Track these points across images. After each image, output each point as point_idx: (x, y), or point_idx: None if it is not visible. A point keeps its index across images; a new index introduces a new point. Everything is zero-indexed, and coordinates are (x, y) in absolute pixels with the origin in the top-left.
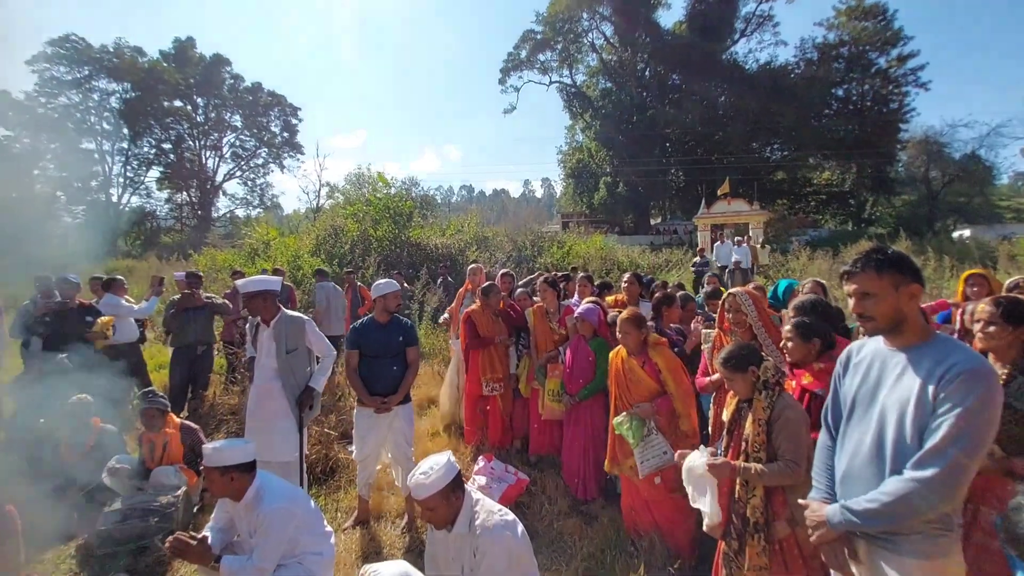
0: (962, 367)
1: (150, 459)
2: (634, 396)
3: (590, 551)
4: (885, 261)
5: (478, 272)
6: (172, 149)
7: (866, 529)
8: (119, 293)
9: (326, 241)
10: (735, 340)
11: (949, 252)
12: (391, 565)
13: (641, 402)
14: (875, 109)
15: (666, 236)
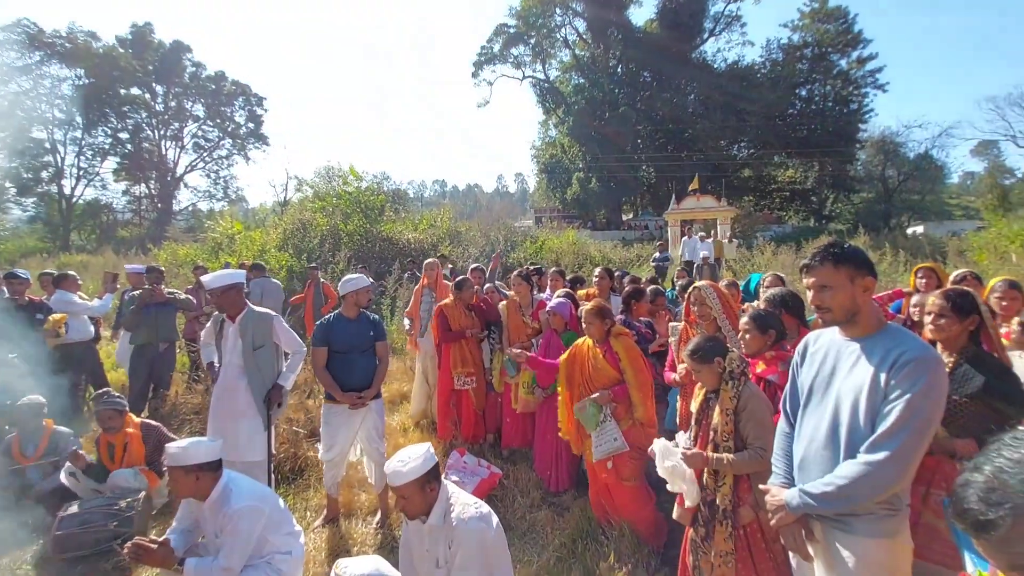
0: (911, 355)
1: (109, 461)
2: (595, 384)
3: (562, 541)
4: (841, 255)
5: (434, 267)
6: (129, 139)
7: (822, 511)
8: (71, 289)
9: (294, 235)
10: (701, 332)
11: (904, 247)
12: (364, 560)
13: (601, 389)
14: (836, 109)
15: (637, 231)
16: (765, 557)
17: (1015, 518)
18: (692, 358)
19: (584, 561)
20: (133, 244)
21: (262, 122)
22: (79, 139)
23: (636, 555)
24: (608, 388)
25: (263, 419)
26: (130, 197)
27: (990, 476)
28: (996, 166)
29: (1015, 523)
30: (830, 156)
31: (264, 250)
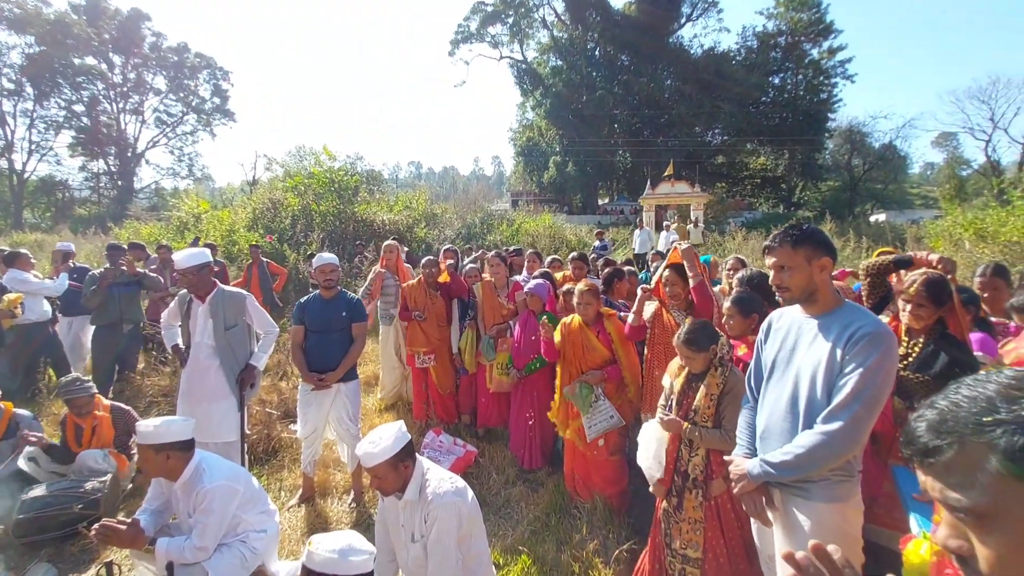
0: (865, 331)
1: (75, 443)
2: (587, 363)
3: (536, 515)
4: (800, 236)
5: (392, 249)
6: (85, 112)
7: (781, 479)
8: (25, 268)
9: (264, 215)
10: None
11: (866, 234)
12: (337, 535)
13: (592, 369)
14: (807, 98)
15: (613, 216)
16: (734, 526)
17: (960, 447)
18: (688, 347)
19: (557, 533)
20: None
21: (228, 97)
22: (30, 111)
23: (607, 526)
24: (600, 368)
25: (236, 399)
26: (87, 173)
27: (943, 409)
28: (954, 157)
29: (959, 451)
30: (800, 144)
31: (233, 230)
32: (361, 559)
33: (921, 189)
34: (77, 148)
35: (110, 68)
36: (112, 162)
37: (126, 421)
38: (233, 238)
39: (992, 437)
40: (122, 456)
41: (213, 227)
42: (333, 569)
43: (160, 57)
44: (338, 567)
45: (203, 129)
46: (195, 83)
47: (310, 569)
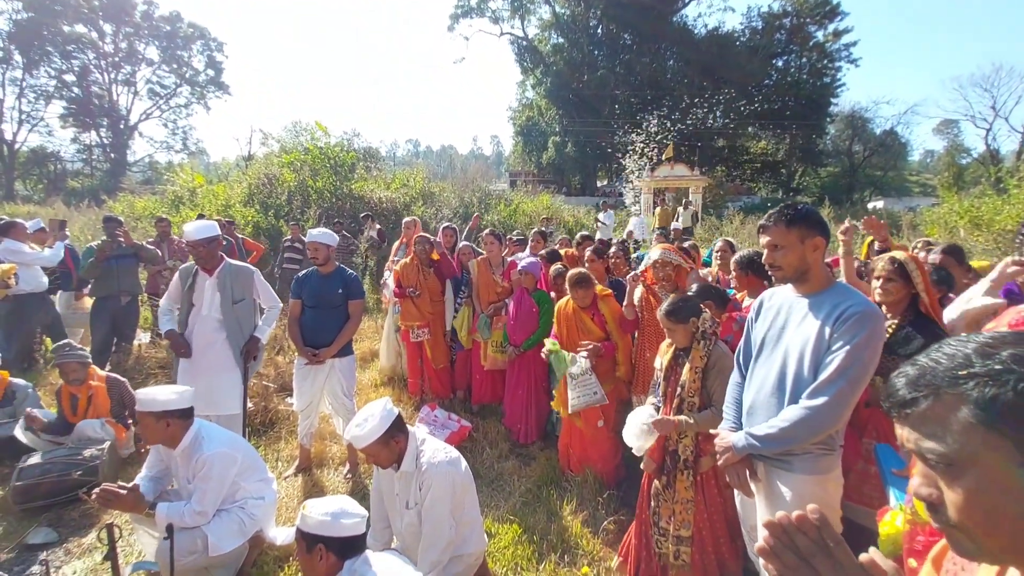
0: (854, 310)
1: (71, 412)
2: (579, 340)
3: (528, 487)
4: (794, 216)
5: (412, 225)
6: (76, 82)
7: (765, 452)
8: (20, 238)
9: (260, 190)
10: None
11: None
12: (330, 500)
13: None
14: (810, 82)
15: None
16: (716, 502)
17: (935, 398)
18: (669, 318)
19: (548, 505)
20: (85, 195)
21: (222, 69)
22: (19, 80)
23: (597, 499)
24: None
25: (240, 372)
26: (80, 145)
27: (923, 365)
28: (955, 145)
29: (934, 403)
30: (801, 129)
31: (228, 205)
32: (352, 521)
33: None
34: (68, 119)
35: (101, 37)
36: (104, 134)
37: (121, 392)
38: (229, 213)
39: (965, 389)
40: (119, 425)
41: (208, 201)
42: (326, 531)
43: (152, 26)
44: (330, 529)
45: (197, 102)
46: (188, 54)
47: (304, 531)
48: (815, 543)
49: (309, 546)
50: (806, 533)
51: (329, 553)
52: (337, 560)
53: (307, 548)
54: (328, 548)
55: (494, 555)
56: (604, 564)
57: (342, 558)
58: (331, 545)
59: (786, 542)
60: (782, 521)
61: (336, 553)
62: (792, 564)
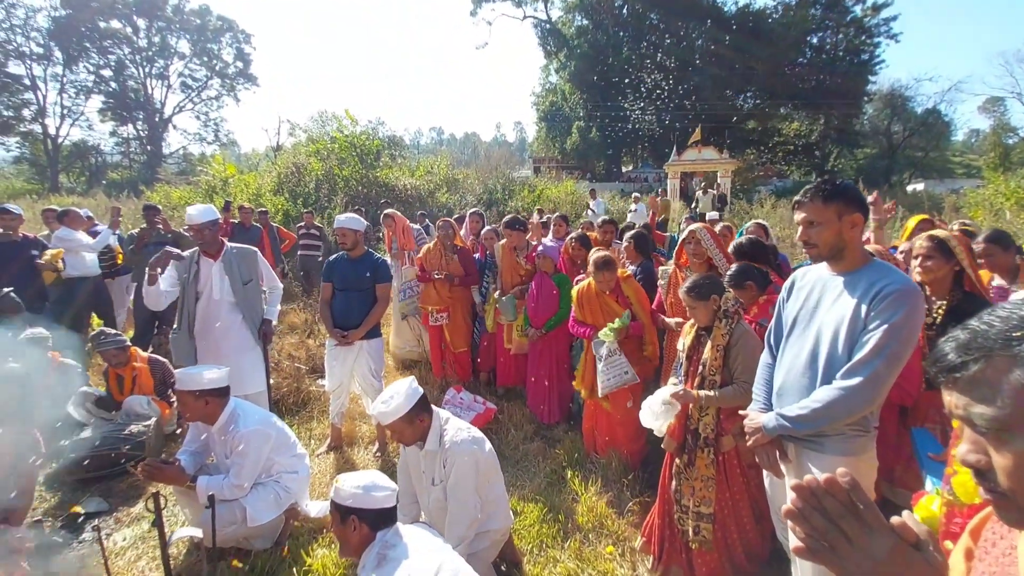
0: (893, 287)
1: (118, 392)
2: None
3: (552, 468)
4: (832, 191)
5: (391, 217)
6: (113, 76)
7: (796, 433)
8: (75, 225)
9: (289, 179)
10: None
11: (903, 203)
12: (362, 474)
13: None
14: (846, 59)
15: (636, 184)
16: (739, 482)
17: (986, 361)
18: (689, 294)
19: (573, 486)
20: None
21: (251, 61)
22: (60, 75)
23: (621, 480)
24: None
25: (261, 351)
26: (118, 138)
27: (975, 329)
28: (1001, 124)
29: (985, 365)
30: (837, 109)
31: (259, 194)
32: (384, 494)
33: (964, 157)
34: (107, 113)
35: (135, 32)
36: (141, 127)
37: (163, 372)
38: (260, 202)
39: (1019, 350)
40: (164, 403)
41: (240, 191)
42: (359, 503)
43: (183, 20)
44: (363, 501)
45: (227, 94)
46: (218, 47)
47: (338, 503)
48: (844, 505)
49: (343, 517)
50: (835, 496)
51: (362, 524)
52: (370, 531)
53: (341, 519)
54: (361, 519)
55: (520, 532)
56: (629, 544)
57: (374, 529)
58: (364, 516)
59: (814, 504)
60: (810, 484)
61: (369, 524)
62: (820, 527)
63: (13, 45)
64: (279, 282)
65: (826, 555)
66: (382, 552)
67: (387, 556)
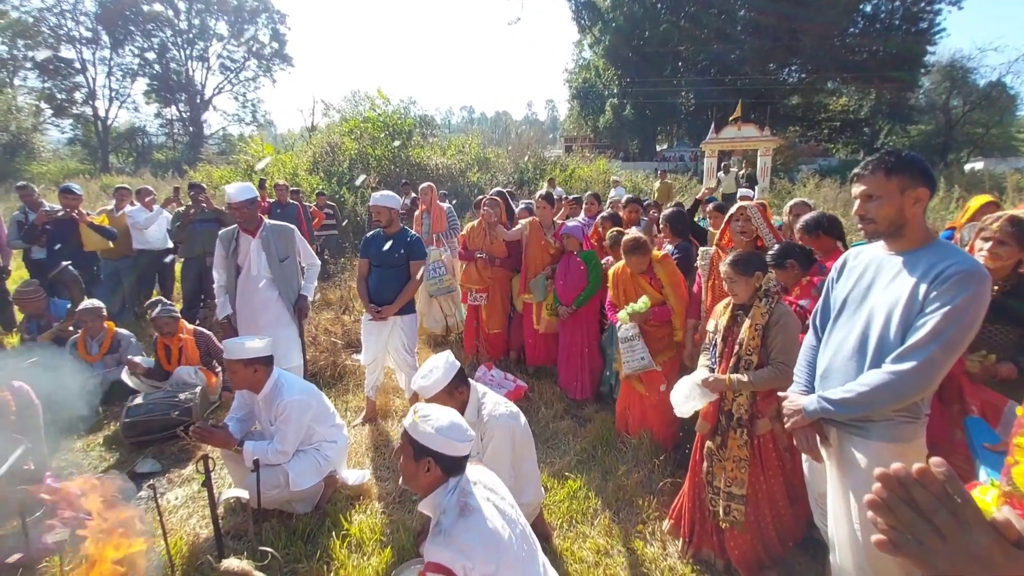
0: (957, 268)
1: (166, 362)
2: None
3: (582, 447)
4: (895, 164)
5: (428, 191)
6: (156, 59)
7: (838, 416)
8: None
9: (323, 159)
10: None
11: (959, 183)
12: (444, 413)
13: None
14: (903, 28)
15: (672, 163)
16: (775, 465)
17: None
18: (733, 267)
19: (603, 464)
20: (169, 167)
21: (286, 42)
22: (108, 59)
23: (652, 461)
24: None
25: (297, 327)
26: (162, 120)
27: None
28: None
29: None
30: (890, 82)
31: (295, 173)
32: (464, 444)
33: None
34: (151, 95)
35: (176, 14)
36: (183, 108)
37: (208, 344)
38: (296, 181)
39: None
40: (210, 372)
41: (277, 170)
42: (438, 447)
43: (221, 1)
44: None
45: (264, 75)
46: (254, 28)
47: (413, 438)
48: (938, 498)
49: (417, 455)
50: (927, 487)
51: (436, 467)
52: (442, 475)
53: (414, 456)
54: (437, 462)
55: (550, 507)
56: (658, 523)
57: (447, 474)
58: (440, 461)
59: (902, 496)
60: (898, 473)
61: (443, 469)
62: (907, 520)
63: (64, 30)
64: (316, 259)
65: (913, 550)
66: (462, 500)
67: (468, 504)
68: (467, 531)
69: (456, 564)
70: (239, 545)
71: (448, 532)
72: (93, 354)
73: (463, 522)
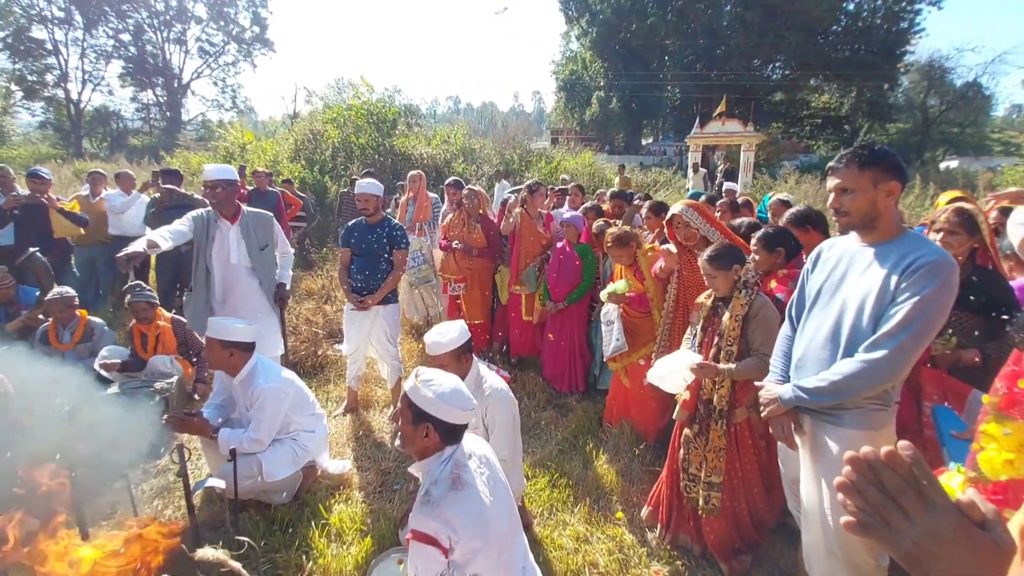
0: (926, 259)
1: (142, 350)
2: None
3: (564, 436)
4: (869, 157)
5: (417, 179)
6: (132, 41)
7: (812, 405)
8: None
9: (305, 147)
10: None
11: (934, 181)
12: (446, 378)
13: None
14: (884, 27)
15: (656, 156)
16: (750, 453)
17: None
18: (711, 263)
19: (584, 454)
20: (145, 152)
21: (267, 26)
22: (80, 40)
23: (633, 450)
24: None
25: (277, 316)
26: (138, 104)
27: None
28: None
29: None
30: (871, 80)
31: (276, 160)
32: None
33: (1004, 134)
34: (127, 78)
35: None
36: (160, 93)
37: (185, 332)
38: (277, 168)
39: None
40: (186, 362)
41: (257, 157)
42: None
43: None
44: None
45: (244, 59)
46: (234, 10)
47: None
48: (905, 480)
49: (416, 419)
50: (895, 470)
51: (436, 433)
52: (440, 442)
53: (413, 420)
54: (436, 429)
55: (531, 496)
56: (637, 511)
57: (444, 442)
58: (439, 428)
59: (870, 478)
60: (868, 456)
61: (441, 436)
62: (875, 501)
63: (36, 9)
64: (290, 247)
65: (880, 531)
66: (456, 472)
67: (461, 478)
68: (456, 505)
69: (442, 535)
70: (215, 535)
71: (438, 503)
72: (65, 343)
73: (453, 495)
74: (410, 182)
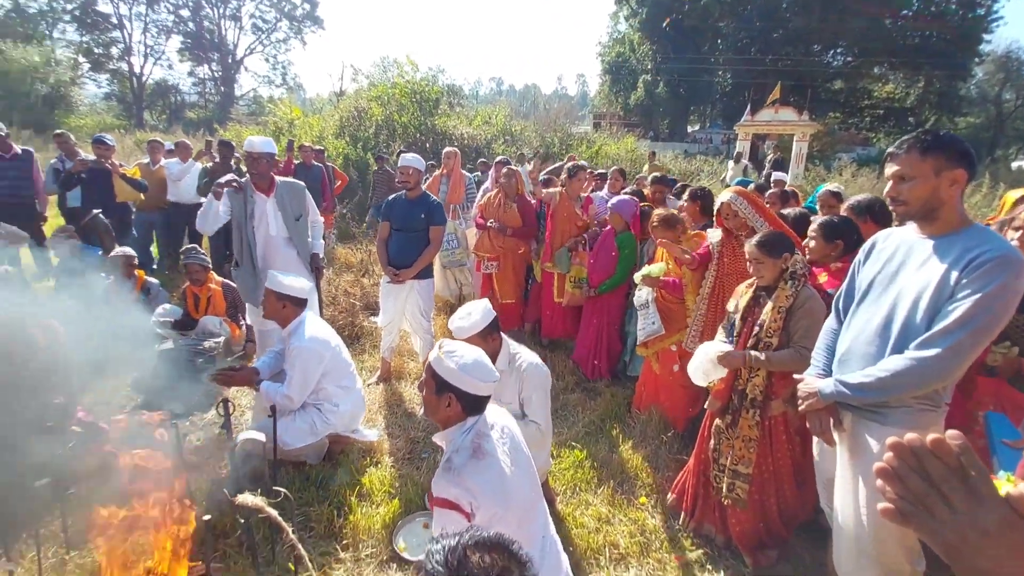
0: (992, 254)
1: (194, 310)
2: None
3: (591, 419)
4: (931, 143)
5: (452, 156)
6: (191, 16)
7: (855, 401)
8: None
9: (350, 123)
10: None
11: (1005, 181)
12: (470, 351)
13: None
14: (959, 13)
15: (702, 144)
16: (784, 447)
17: None
18: (760, 248)
19: (611, 438)
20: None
21: (318, 3)
22: (143, 15)
23: (660, 437)
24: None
25: (315, 286)
26: (195, 79)
27: None
28: None
29: None
30: (941, 70)
31: (322, 136)
32: (487, 384)
33: None
34: (185, 53)
35: None
36: (215, 68)
37: (234, 296)
38: (323, 143)
39: None
40: (234, 324)
41: (304, 133)
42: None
43: None
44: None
45: (295, 36)
46: None
47: (436, 372)
48: (951, 469)
49: (439, 389)
50: (942, 458)
51: (458, 404)
52: (462, 412)
53: (436, 389)
54: (458, 399)
55: (555, 474)
56: (662, 497)
57: (466, 412)
58: (461, 398)
59: (913, 465)
60: (912, 442)
61: (464, 406)
62: (918, 489)
63: None
64: (320, 216)
65: (920, 520)
66: (477, 441)
67: (482, 447)
68: (477, 474)
69: (463, 500)
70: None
71: (459, 471)
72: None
73: (474, 463)
74: (445, 159)
